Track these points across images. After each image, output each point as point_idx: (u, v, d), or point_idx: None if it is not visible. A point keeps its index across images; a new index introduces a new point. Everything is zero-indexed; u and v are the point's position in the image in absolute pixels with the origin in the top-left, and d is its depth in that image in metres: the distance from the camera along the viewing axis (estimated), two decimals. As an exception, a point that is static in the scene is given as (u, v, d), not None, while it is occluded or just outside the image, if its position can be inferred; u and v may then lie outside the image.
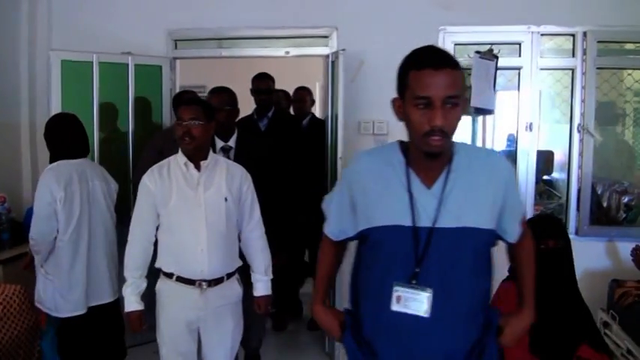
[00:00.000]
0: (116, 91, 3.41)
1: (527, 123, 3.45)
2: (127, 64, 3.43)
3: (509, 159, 2.54)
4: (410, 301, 1.36)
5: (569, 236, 2.43)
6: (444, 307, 1.35)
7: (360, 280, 1.52)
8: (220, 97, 2.72)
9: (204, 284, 2.13)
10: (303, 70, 5.01)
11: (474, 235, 1.37)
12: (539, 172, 3.59)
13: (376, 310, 1.43)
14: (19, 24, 3.60)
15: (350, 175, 1.52)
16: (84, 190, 2.55)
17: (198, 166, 2.17)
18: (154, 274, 2.22)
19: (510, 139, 3.66)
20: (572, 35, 3.41)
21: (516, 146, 3.49)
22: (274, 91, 3.77)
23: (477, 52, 3.31)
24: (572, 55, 3.43)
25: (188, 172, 2.17)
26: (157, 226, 2.19)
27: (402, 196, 1.39)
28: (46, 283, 2.54)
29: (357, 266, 1.54)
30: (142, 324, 2.17)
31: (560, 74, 3.51)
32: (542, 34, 3.42)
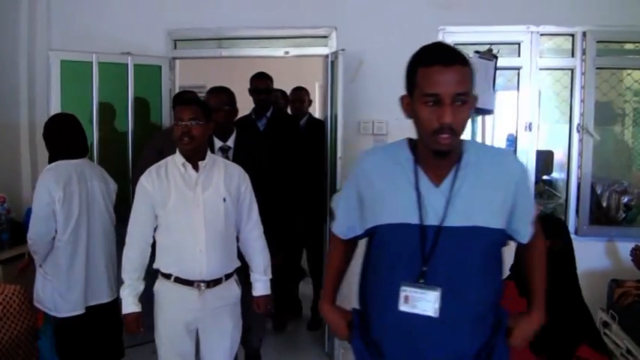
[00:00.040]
0: (116, 91, 3.41)
1: (527, 123, 3.45)
2: (127, 64, 3.43)
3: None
4: (418, 301, 1.34)
5: (570, 236, 2.44)
6: (452, 307, 1.33)
7: (368, 280, 1.50)
8: (219, 96, 2.71)
9: (202, 285, 2.12)
10: (302, 71, 5.00)
11: (482, 235, 1.34)
12: (538, 172, 3.60)
13: (383, 310, 1.41)
14: (18, 24, 3.60)
15: (357, 173, 1.49)
16: (83, 191, 2.55)
17: (196, 167, 2.16)
18: (151, 274, 2.21)
19: (510, 139, 3.66)
20: (572, 35, 3.42)
21: (516, 146, 3.49)
22: (273, 91, 3.77)
23: (477, 52, 3.31)
24: (572, 55, 3.43)
25: (186, 172, 2.15)
26: (155, 228, 2.18)
27: (409, 194, 1.36)
28: (45, 282, 2.55)
29: (366, 265, 1.52)
30: (140, 326, 2.16)
31: (560, 74, 3.51)
32: (542, 34, 3.42)
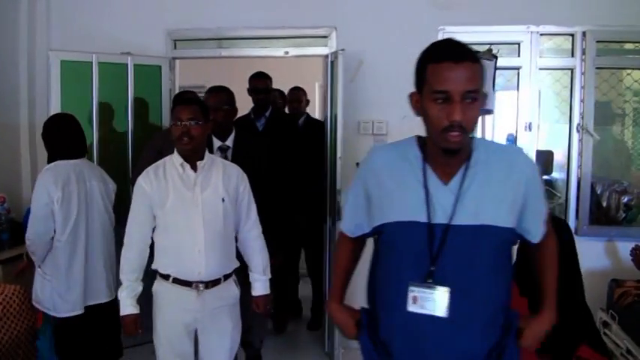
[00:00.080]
0: (115, 91, 3.41)
1: (527, 123, 3.45)
2: (127, 64, 3.43)
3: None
4: (426, 302, 1.32)
5: (573, 235, 2.43)
6: (461, 307, 1.31)
7: (376, 279, 1.48)
8: (218, 96, 2.70)
9: (201, 286, 2.10)
10: (302, 71, 5.00)
11: (491, 233, 1.32)
12: (538, 172, 3.59)
13: (392, 310, 1.39)
14: (18, 24, 3.60)
15: (365, 170, 1.47)
16: (81, 191, 2.54)
17: (194, 167, 2.15)
18: (149, 275, 2.20)
19: (510, 139, 3.66)
20: (572, 35, 3.42)
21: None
22: (272, 91, 3.77)
23: (476, 52, 3.30)
24: (572, 55, 3.43)
25: (184, 172, 2.14)
26: (153, 228, 2.16)
27: (417, 192, 1.34)
28: (44, 283, 2.54)
29: (374, 264, 1.50)
30: (138, 327, 2.15)
31: (560, 74, 3.51)
32: (542, 33, 3.42)
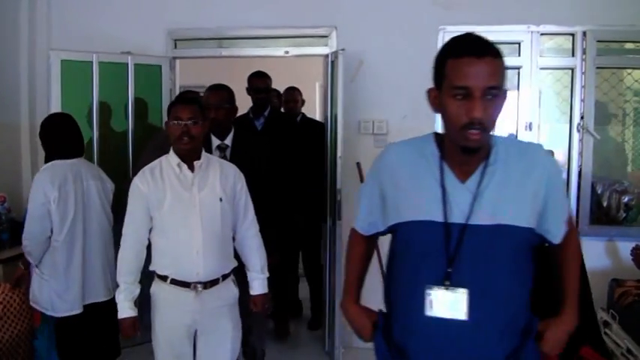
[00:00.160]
0: (116, 91, 3.42)
1: (527, 122, 3.45)
2: (127, 63, 3.43)
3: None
4: (445, 305, 1.28)
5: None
6: (480, 310, 1.27)
7: (392, 279, 1.45)
8: (219, 94, 2.67)
9: (199, 286, 2.08)
10: (302, 71, 5.00)
11: (510, 233, 1.28)
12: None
13: (408, 313, 1.36)
14: (18, 24, 3.60)
15: (380, 167, 1.43)
16: (78, 190, 2.53)
17: (191, 167, 2.12)
18: (147, 275, 2.19)
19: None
20: (572, 35, 3.41)
21: (516, 146, 3.48)
22: (272, 90, 3.76)
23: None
24: (572, 55, 3.43)
25: (181, 172, 2.11)
26: (150, 229, 2.13)
27: (434, 190, 1.31)
28: (42, 283, 2.53)
29: (390, 264, 1.46)
30: (136, 330, 2.13)
31: (560, 74, 3.50)
32: (542, 33, 3.42)
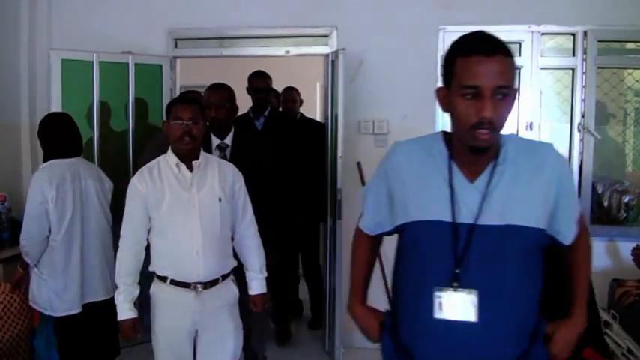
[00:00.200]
0: (116, 91, 3.42)
1: (528, 122, 3.45)
2: (128, 63, 3.43)
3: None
4: (454, 307, 1.26)
5: None
6: (489, 311, 1.26)
7: (398, 280, 1.43)
8: (220, 93, 2.67)
9: (199, 287, 2.07)
10: (303, 70, 5.00)
11: (519, 234, 1.26)
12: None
13: (416, 314, 1.34)
14: (19, 23, 3.60)
15: (387, 166, 1.41)
16: (76, 190, 2.53)
17: (189, 167, 2.11)
18: (146, 276, 2.17)
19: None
20: (573, 34, 3.41)
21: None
22: (272, 90, 3.76)
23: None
24: (573, 55, 3.42)
25: (180, 172, 2.10)
26: (149, 230, 2.12)
27: (442, 190, 1.29)
28: (41, 282, 2.53)
29: (397, 264, 1.45)
30: (136, 331, 2.11)
31: (561, 73, 3.50)
32: (543, 33, 3.42)
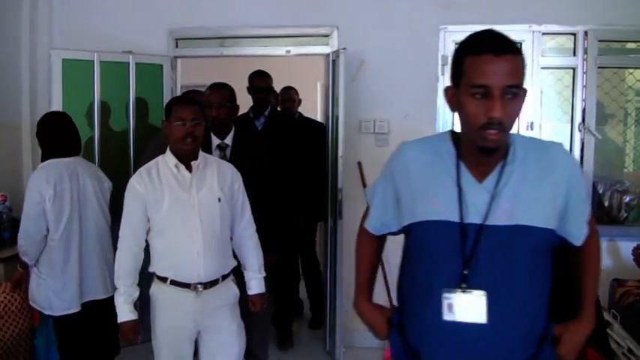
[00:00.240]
0: (117, 90, 3.42)
1: (529, 122, 3.44)
2: (128, 62, 3.43)
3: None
4: (463, 309, 1.25)
5: None
6: (499, 312, 1.24)
7: (405, 280, 1.42)
8: (220, 93, 2.66)
9: (199, 287, 2.06)
10: (304, 70, 5.00)
11: (528, 234, 1.24)
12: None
13: (423, 315, 1.33)
14: (20, 23, 3.60)
15: (395, 165, 1.39)
16: (74, 189, 2.53)
17: (188, 167, 2.10)
18: (146, 276, 2.17)
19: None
20: (574, 34, 3.41)
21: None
22: (272, 90, 3.75)
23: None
24: (574, 54, 3.42)
25: (179, 173, 2.09)
26: (147, 230, 2.11)
27: (450, 190, 1.27)
28: (39, 282, 2.53)
29: (404, 265, 1.44)
30: (137, 333, 2.10)
31: (562, 73, 3.50)
32: (544, 33, 3.41)
